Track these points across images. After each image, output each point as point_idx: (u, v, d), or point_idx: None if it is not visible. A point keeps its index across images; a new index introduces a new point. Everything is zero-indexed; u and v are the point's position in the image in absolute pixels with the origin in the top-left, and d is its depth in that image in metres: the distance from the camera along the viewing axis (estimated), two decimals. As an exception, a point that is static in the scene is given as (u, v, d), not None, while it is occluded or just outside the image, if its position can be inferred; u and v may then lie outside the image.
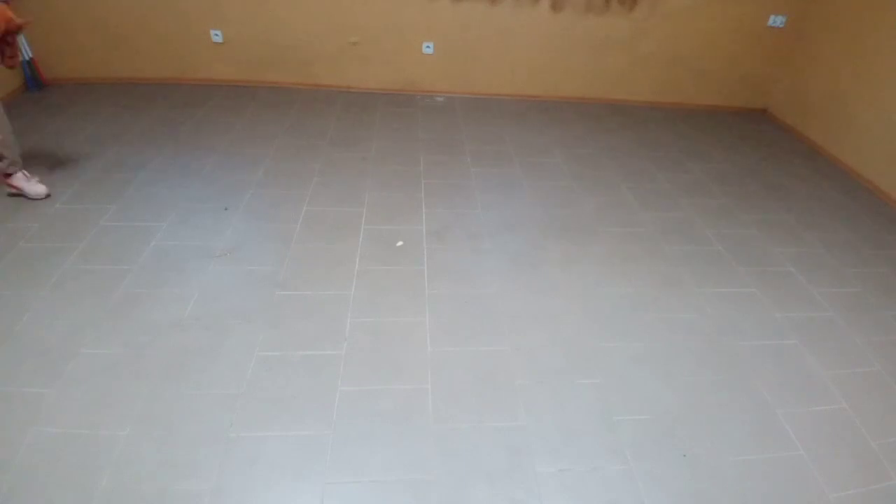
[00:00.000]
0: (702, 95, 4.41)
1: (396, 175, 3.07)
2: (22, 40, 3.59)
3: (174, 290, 2.13)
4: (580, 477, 1.60)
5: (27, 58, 3.65)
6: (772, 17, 4.06)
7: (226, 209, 2.64)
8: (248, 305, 2.10)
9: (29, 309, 1.99)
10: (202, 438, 1.60)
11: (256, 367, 1.84)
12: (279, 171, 3.02)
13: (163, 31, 3.79)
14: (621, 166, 3.40)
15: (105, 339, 1.89)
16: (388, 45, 4.03)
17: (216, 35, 3.85)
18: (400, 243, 2.51)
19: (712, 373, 2.00)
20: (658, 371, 1.98)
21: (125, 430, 1.61)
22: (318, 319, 2.06)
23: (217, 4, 3.75)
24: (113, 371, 1.78)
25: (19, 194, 2.58)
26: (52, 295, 2.06)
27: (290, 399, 1.75)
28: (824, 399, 1.94)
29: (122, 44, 3.81)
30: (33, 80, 3.73)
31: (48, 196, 2.60)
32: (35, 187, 2.58)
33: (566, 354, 2.01)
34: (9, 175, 2.55)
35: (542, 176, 3.22)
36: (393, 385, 1.83)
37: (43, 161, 2.90)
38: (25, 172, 2.58)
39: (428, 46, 4.06)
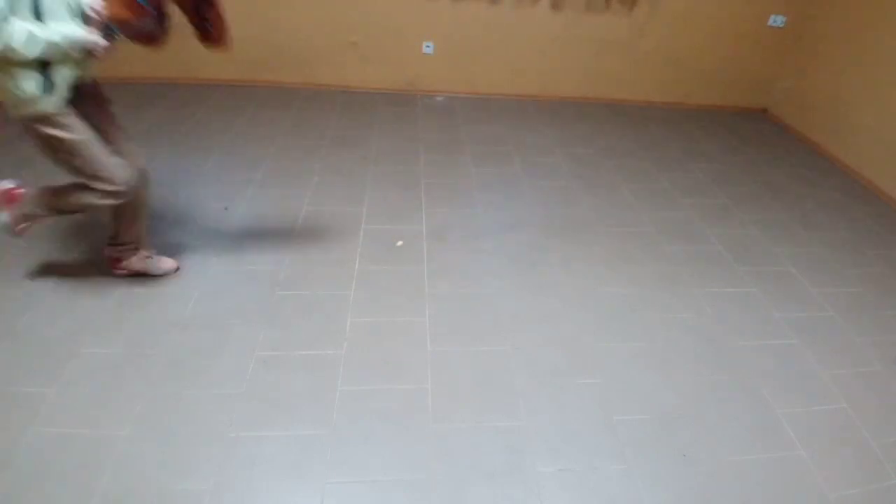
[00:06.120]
0: (702, 95, 4.41)
1: (396, 175, 3.07)
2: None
3: (174, 290, 2.13)
4: (580, 477, 1.60)
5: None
6: (772, 17, 4.06)
7: (226, 209, 2.64)
8: (248, 305, 2.10)
9: (29, 309, 1.99)
10: (202, 438, 1.60)
11: (256, 367, 1.84)
12: (279, 171, 3.02)
13: (163, 31, 3.79)
14: (621, 166, 3.40)
15: (105, 339, 1.89)
16: (388, 44, 4.03)
17: (216, 35, 3.85)
18: (400, 243, 2.51)
19: (712, 373, 2.00)
20: (658, 371, 1.98)
21: (125, 430, 1.60)
22: (318, 319, 2.06)
23: (217, 4, 3.75)
24: (113, 371, 1.78)
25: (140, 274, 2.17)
26: (52, 295, 2.06)
27: (290, 399, 1.75)
28: (824, 399, 1.94)
29: (121, 44, 3.80)
30: (33, 80, 3.72)
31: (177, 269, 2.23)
32: (162, 264, 2.17)
33: (566, 354, 2.01)
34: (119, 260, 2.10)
35: (542, 176, 3.22)
36: (393, 385, 1.83)
37: (43, 162, 2.90)
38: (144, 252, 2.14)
39: (428, 46, 4.06)
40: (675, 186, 3.23)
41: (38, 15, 1.52)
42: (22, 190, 1.98)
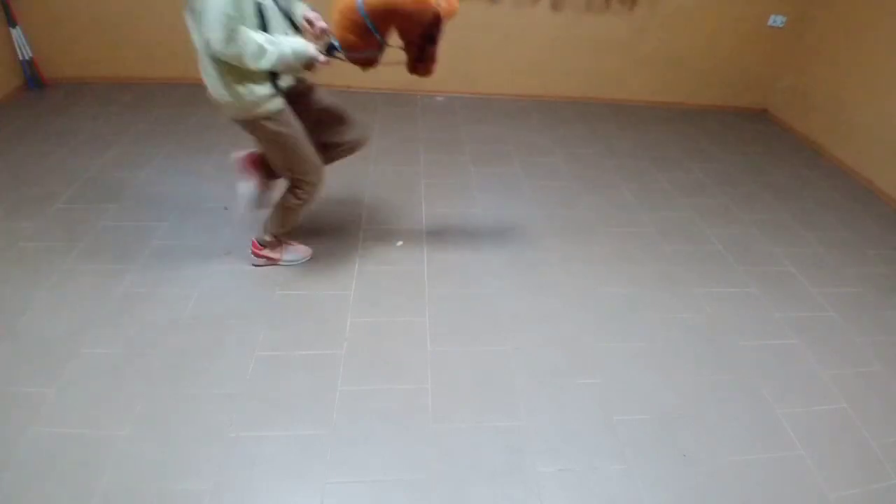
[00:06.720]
0: (702, 95, 4.41)
1: (396, 175, 3.07)
2: (22, 39, 3.59)
3: (174, 290, 2.13)
4: (580, 477, 1.60)
5: (27, 57, 3.65)
6: (772, 17, 4.06)
7: (226, 209, 2.64)
8: (248, 305, 2.10)
9: (29, 309, 1.99)
10: (202, 438, 1.60)
11: (256, 367, 1.84)
12: (279, 170, 3.01)
13: (163, 31, 3.79)
14: (621, 166, 3.40)
15: (105, 339, 1.89)
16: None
17: (216, 35, 3.85)
18: (400, 243, 2.51)
19: (712, 373, 2.00)
20: (658, 371, 1.98)
21: (125, 430, 1.61)
22: (318, 319, 2.06)
23: (217, 4, 3.75)
24: (113, 371, 1.78)
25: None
26: (52, 295, 2.06)
27: (290, 399, 1.75)
28: (824, 399, 1.94)
29: (122, 44, 3.81)
30: (33, 80, 3.73)
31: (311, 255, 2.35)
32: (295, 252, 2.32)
33: (566, 354, 2.01)
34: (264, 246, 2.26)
35: (542, 176, 3.22)
36: (393, 385, 1.83)
37: (43, 161, 2.90)
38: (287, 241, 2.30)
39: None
40: (675, 186, 3.23)
41: (263, 26, 1.65)
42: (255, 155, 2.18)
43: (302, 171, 1.98)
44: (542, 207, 2.90)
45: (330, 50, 1.81)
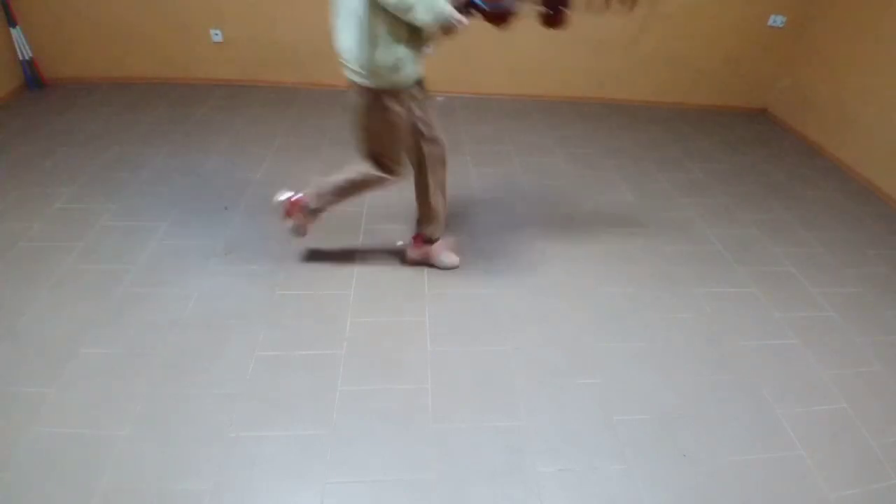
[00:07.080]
0: (702, 95, 4.41)
1: (396, 175, 3.07)
2: (22, 39, 3.59)
3: (174, 290, 2.13)
4: (580, 477, 1.60)
5: (27, 57, 3.65)
6: (772, 17, 4.06)
7: (226, 209, 2.64)
8: (248, 305, 2.10)
9: (29, 308, 1.99)
10: (202, 438, 1.60)
11: (256, 367, 1.84)
12: (279, 170, 3.02)
13: (163, 31, 3.79)
14: (621, 166, 3.40)
15: (105, 339, 1.89)
16: (388, 44, 4.02)
17: (216, 35, 3.85)
18: (400, 243, 2.50)
19: (712, 373, 2.00)
20: (658, 371, 1.98)
21: (125, 430, 1.61)
22: (318, 319, 2.06)
23: (217, 4, 3.75)
24: (113, 371, 1.78)
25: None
26: (52, 294, 2.06)
27: (290, 399, 1.75)
28: (824, 399, 1.94)
29: (122, 44, 3.81)
30: (33, 80, 3.73)
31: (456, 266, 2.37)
32: (449, 258, 2.34)
33: (566, 354, 2.01)
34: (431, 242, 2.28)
35: (542, 176, 3.22)
36: (393, 385, 1.83)
37: (43, 161, 2.91)
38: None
39: (428, 46, 4.06)
40: (675, 186, 3.23)
41: None
42: (302, 197, 2.17)
43: (393, 156, 2.00)
44: (542, 207, 2.90)
45: (469, 5, 1.74)
